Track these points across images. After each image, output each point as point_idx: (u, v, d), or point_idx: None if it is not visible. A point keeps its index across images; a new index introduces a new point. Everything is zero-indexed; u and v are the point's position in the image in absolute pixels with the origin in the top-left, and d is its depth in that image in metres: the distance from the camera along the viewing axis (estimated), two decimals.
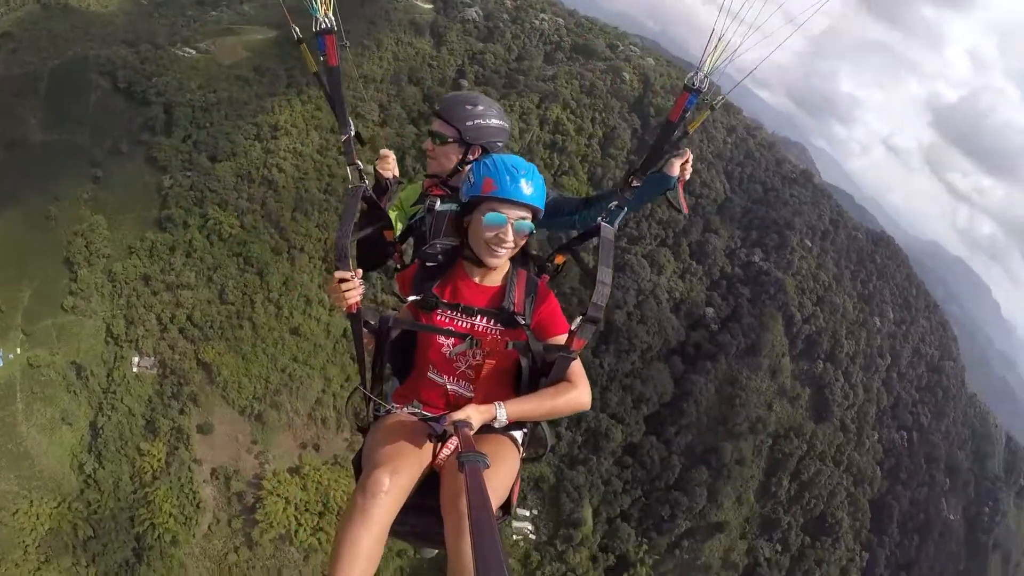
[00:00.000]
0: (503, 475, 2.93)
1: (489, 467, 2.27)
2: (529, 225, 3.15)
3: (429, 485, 2.87)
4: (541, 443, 3.49)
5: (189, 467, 63.69)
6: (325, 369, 71.25)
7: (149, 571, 60.23)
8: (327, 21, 3.08)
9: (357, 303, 3.02)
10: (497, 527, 1.71)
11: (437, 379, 3.27)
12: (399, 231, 4.05)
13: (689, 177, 3.74)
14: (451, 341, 3.18)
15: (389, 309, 3.47)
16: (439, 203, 3.92)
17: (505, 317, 3.18)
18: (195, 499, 62.95)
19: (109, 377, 64.61)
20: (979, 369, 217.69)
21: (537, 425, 3.39)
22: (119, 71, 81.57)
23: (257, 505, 63.69)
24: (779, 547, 76.44)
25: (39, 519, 58.46)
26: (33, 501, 58.46)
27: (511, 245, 3.15)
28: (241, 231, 73.64)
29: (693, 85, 3.13)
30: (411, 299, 3.29)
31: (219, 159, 77.52)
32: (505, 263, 3.32)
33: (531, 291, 3.29)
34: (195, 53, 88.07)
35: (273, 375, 69.00)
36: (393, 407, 3.28)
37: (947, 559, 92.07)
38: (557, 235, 4.05)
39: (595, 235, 3.43)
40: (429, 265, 3.31)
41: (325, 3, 3.06)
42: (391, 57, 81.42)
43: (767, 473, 77.62)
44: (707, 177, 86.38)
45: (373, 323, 3.20)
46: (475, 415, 2.80)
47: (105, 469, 61.56)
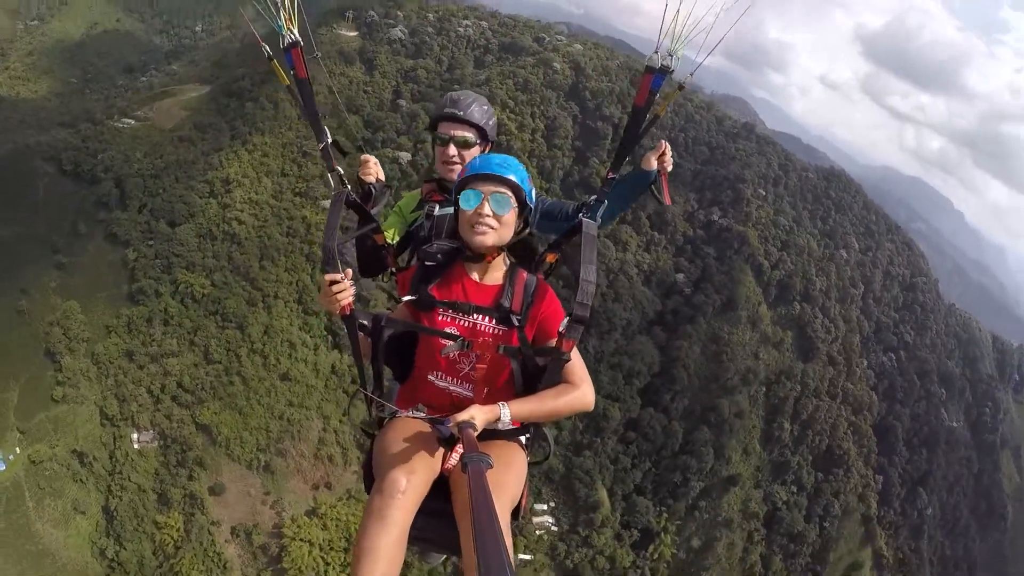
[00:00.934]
0: (513, 479, 2.97)
1: (493, 467, 2.30)
2: (507, 199, 3.12)
3: (440, 489, 2.91)
4: (544, 446, 3.50)
5: (208, 531, 63.74)
6: (321, 408, 71.78)
7: None
8: (291, 36, 3.14)
9: (350, 304, 3.05)
10: (500, 528, 1.76)
11: (439, 381, 3.28)
12: (396, 237, 4.12)
13: (671, 168, 3.78)
14: (446, 341, 3.20)
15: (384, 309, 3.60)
16: (438, 208, 4.00)
17: (502, 315, 3.17)
18: (221, 561, 63.12)
19: (112, 459, 64.65)
20: (955, 279, 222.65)
21: (539, 428, 3.38)
22: (63, 154, 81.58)
23: (282, 554, 64.01)
24: (794, 488, 78.32)
25: None
26: None
27: (491, 222, 3.12)
28: (213, 289, 73.92)
29: (656, 65, 3.11)
30: (407, 298, 3.31)
31: (178, 223, 77.63)
32: (503, 261, 3.32)
33: (530, 290, 3.27)
34: (134, 122, 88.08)
35: (272, 424, 69.40)
36: (397, 410, 3.29)
37: (959, 464, 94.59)
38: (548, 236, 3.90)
39: (577, 232, 3.39)
40: (428, 265, 3.31)
41: (289, 19, 3.11)
42: (326, 90, 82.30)
43: (767, 420, 79.31)
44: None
45: (367, 324, 3.22)
46: (479, 415, 2.80)
47: (127, 550, 61.57)
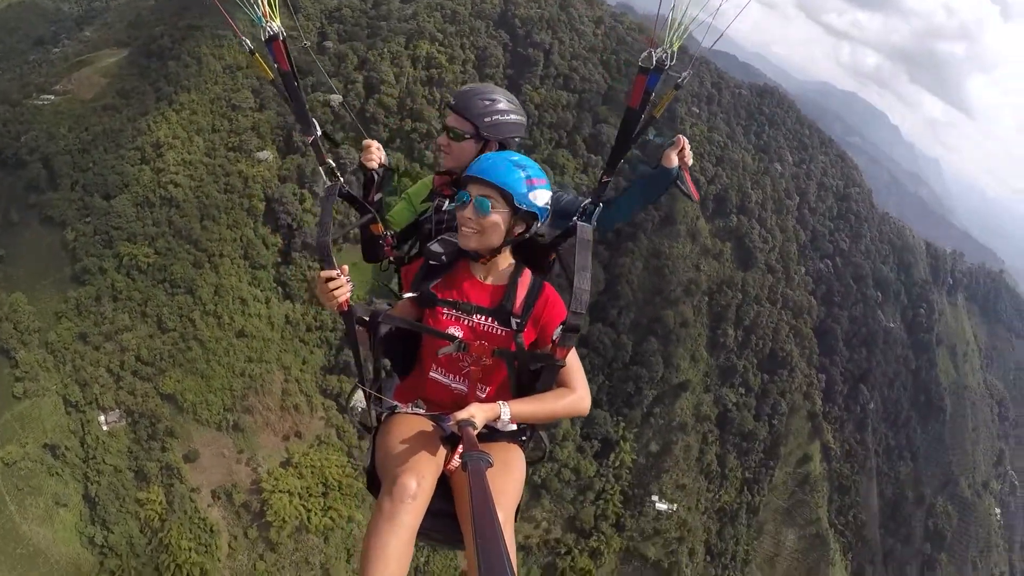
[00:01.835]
0: (512, 482, 2.96)
1: (492, 466, 2.29)
2: (487, 203, 3.06)
3: (442, 487, 2.90)
4: (540, 447, 3.49)
5: (190, 498, 64.21)
6: (280, 359, 72.16)
7: None
8: (271, 28, 3.10)
9: (347, 300, 3.02)
10: (500, 528, 1.75)
11: (441, 378, 3.27)
12: (403, 222, 4.08)
13: (691, 161, 3.72)
14: (444, 341, 3.19)
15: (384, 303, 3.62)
16: (447, 203, 3.89)
17: (503, 316, 3.16)
18: (207, 526, 63.72)
19: (84, 445, 63.99)
20: (892, 190, 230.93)
21: (536, 430, 3.39)
22: None
23: (265, 508, 65.04)
24: (742, 390, 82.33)
25: None
26: None
27: (472, 224, 3.10)
28: (158, 257, 72.78)
29: (651, 64, 3.03)
30: (408, 295, 3.28)
31: (113, 195, 75.60)
32: (507, 260, 3.29)
33: (534, 291, 3.24)
34: (54, 98, 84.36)
35: (235, 382, 69.61)
36: (397, 406, 3.28)
37: (897, 362, 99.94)
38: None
39: (572, 234, 3.35)
40: (433, 263, 3.26)
41: (269, 12, 3.06)
42: (250, 40, 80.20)
43: (712, 328, 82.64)
44: (585, 72, 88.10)
45: (366, 319, 3.18)
46: (479, 414, 2.80)
47: (115, 533, 61.42)
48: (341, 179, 3.50)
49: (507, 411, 2.93)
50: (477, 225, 3.08)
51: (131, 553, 61.46)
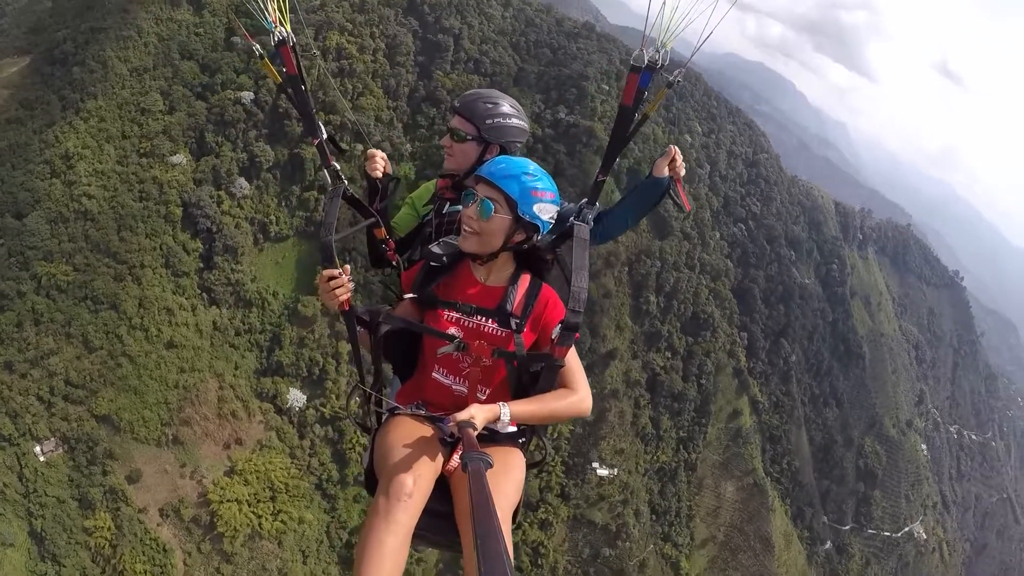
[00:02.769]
0: (512, 484, 2.97)
1: (492, 467, 2.29)
2: (490, 206, 3.09)
3: (440, 489, 2.92)
4: (540, 449, 3.54)
5: (139, 520, 62.81)
6: (213, 366, 71.22)
7: None
8: (281, 33, 3.13)
9: (348, 300, 3.05)
10: (500, 528, 1.79)
11: (442, 379, 3.28)
12: (407, 227, 4.14)
13: (684, 172, 3.77)
14: (443, 341, 3.21)
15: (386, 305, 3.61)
16: (448, 206, 3.93)
17: (503, 318, 3.19)
18: (159, 546, 62.60)
19: (22, 480, 61.68)
20: (801, 154, 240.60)
21: (536, 432, 3.42)
22: None
23: (215, 520, 64.40)
24: (668, 354, 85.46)
25: None
26: None
27: (473, 225, 3.14)
28: (77, 274, 70.35)
29: (643, 63, 3.03)
30: (408, 296, 3.31)
31: (25, 213, 72.74)
32: (508, 264, 3.32)
33: (533, 293, 3.28)
34: None
35: (169, 395, 68.17)
36: (397, 407, 3.29)
37: (815, 315, 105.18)
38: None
39: (569, 236, 3.43)
40: (434, 265, 3.29)
41: (279, 17, 3.11)
42: (156, 40, 78.03)
43: (634, 296, 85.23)
44: (496, 55, 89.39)
45: (367, 319, 3.20)
46: (479, 415, 2.82)
47: (67, 567, 59.51)
48: (345, 182, 3.50)
49: (507, 412, 2.96)
50: (478, 227, 3.13)
51: None
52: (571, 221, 3.47)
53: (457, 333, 3.21)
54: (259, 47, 3.27)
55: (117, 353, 68.55)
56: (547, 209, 3.20)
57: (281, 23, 3.13)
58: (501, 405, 2.96)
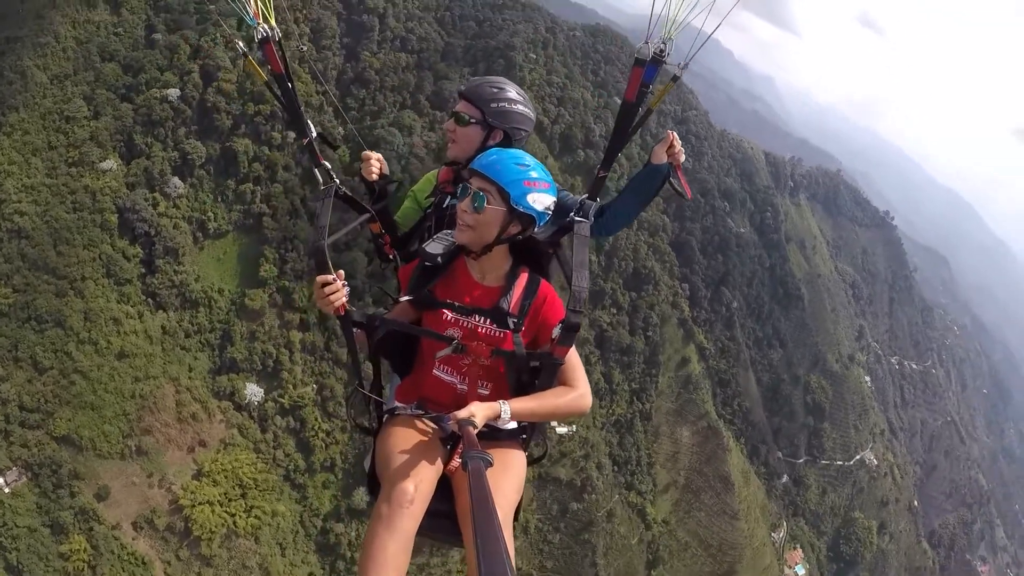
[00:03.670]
0: (512, 482, 3.00)
1: (493, 465, 2.31)
2: (483, 197, 3.07)
3: (442, 487, 2.95)
4: (541, 446, 3.56)
5: (113, 536, 61.53)
6: (167, 371, 70.36)
7: None
8: (264, 30, 3.11)
9: (344, 305, 3.01)
10: (500, 527, 1.77)
11: (444, 376, 3.28)
12: (410, 220, 4.09)
13: (684, 158, 3.68)
14: (442, 343, 3.19)
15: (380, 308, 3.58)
16: (448, 200, 3.90)
17: (500, 317, 3.17)
18: (138, 560, 61.59)
19: None
20: (730, 109, 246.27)
21: (536, 430, 3.41)
22: None
23: (189, 525, 63.89)
24: (614, 310, 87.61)
25: None
26: None
27: (467, 219, 3.12)
28: (17, 295, 68.04)
29: (647, 56, 2.98)
30: (404, 298, 3.29)
31: None
32: (503, 261, 3.30)
33: (531, 291, 3.27)
34: None
35: (127, 406, 66.71)
36: (397, 406, 3.31)
37: (752, 262, 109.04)
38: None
39: (569, 230, 3.42)
40: (429, 264, 3.27)
41: (262, 14, 3.05)
42: (74, 44, 75.69)
43: None
44: (421, 31, 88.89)
45: (364, 323, 3.18)
46: (479, 412, 2.82)
47: None
48: (337, 181, 3.46)
49: (507, 409, 2.95)
50: (471, 220, 3.11)
51: None
52: (571, 217, 3.45)
53: (455, 334, 3.19)
54: (243, 45, 3.28)
55: (69, 371, 66.52)
56: (542, 199, 3.17)
57: (265, 19, 3.07)
58: (501, 403, 2.96)
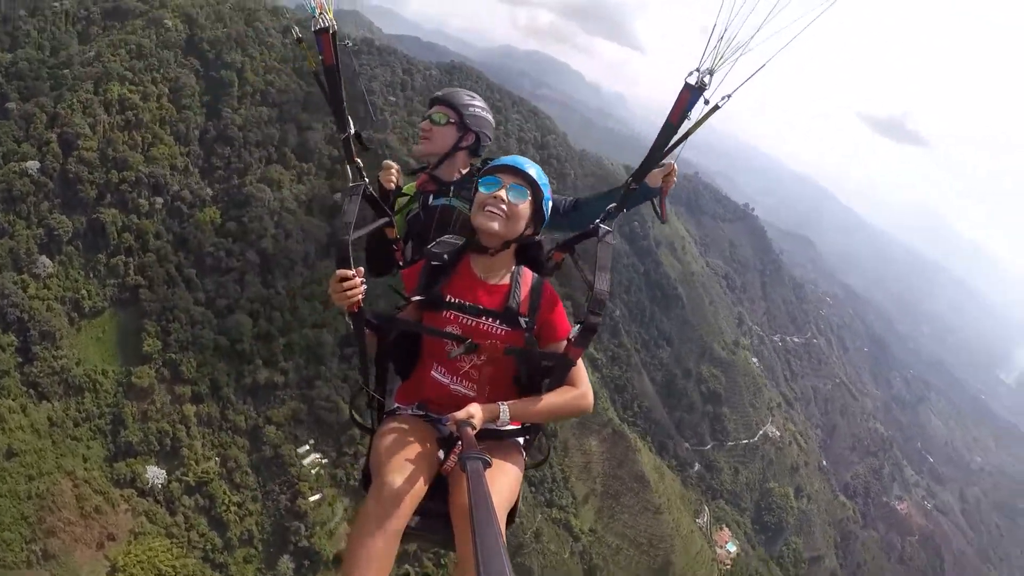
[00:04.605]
0: (509, 483, 3.00)
1: (491, 466, 2.31)
2: (524, 190, 3.17)
3: (437, 488, 2.95)
4: (541, 449, 3.54)
5: None
6: (61, 465, 65.10)
7: None
8: (323, 20, 3.13)
9: (359, 302, 3.03)
10: (499, 527, 1.74)
11: (442, 379, 3.27)
12: (400, 231, 4.10)
13: (674, 185, 3.76)
14: (452, 343, 3.18)
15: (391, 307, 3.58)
16: (432, 199, 4.00)
17: (509, 317, 3.17)
18: None
19: None
20: (588, 129, 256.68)
21: (538, 432, 3.41)
22: None
23: None
24: None
25: None
26: None
27: (503, 207, 3.14)
28: None
29: (695, 82, 3.04)
30: (415, 298, 3.27)
31: None
32: (509, 260, 3.32)
33: (536, 291, 3.27)
34: None
35: (25, 509, 60.74)
36: (398, 407, 3.34)
37: (628, 270, 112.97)
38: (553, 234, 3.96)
39: (592, 236, 3.44)
40: (435, 264, 3.26)
41: (324, 4, 3.12)
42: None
43: None
44: (281, 83, 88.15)
45: (376, 323, 3.20)
46: (478, 414, 2.85)
47: None
48: (366, 180, 3.49)
49: (506, 411, 2.97)
50: (508, 209, 3.14)
51: None
52: (596, 223, 3.53)
53: (464, 334, 3.18)
54: (298, 30, 3.29)
55: None
56: (549, 205, 3.39)
57: (324, 10, 3.17)
58: (500, 404, 2.99)
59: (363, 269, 3.05)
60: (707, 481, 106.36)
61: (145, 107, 77.22)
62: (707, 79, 3.00)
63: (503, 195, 3.15)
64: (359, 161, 3.47)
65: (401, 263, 3.94)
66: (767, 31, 2.68)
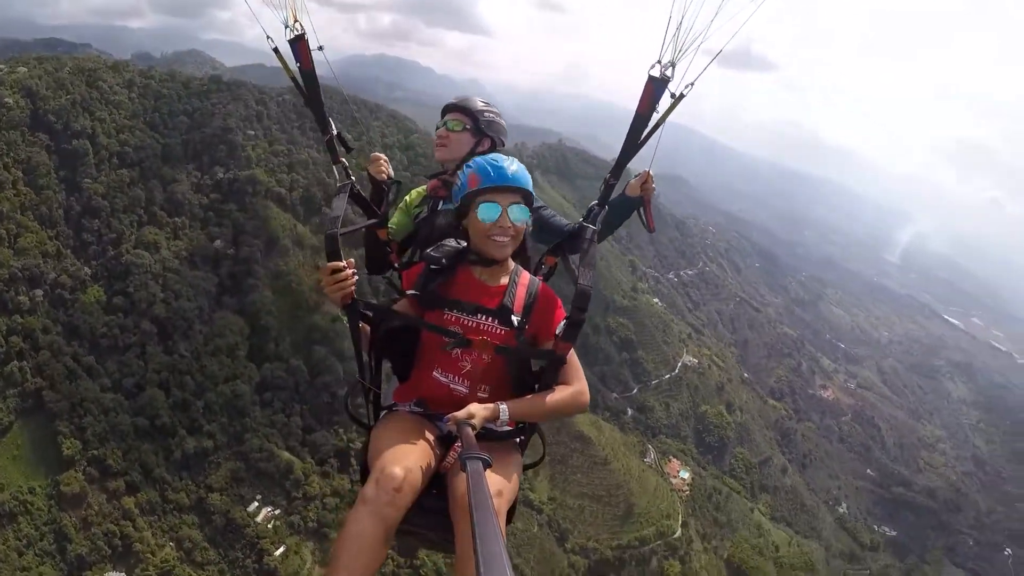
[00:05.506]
0: (508, 483, 2.95)
1: (491, 466, 2.29)
2: (525, 211, 3.20)
3: (435, 487, 2.93)
4: (539, 449, 3.54)
5: None
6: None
7: None
8: (297, 28, 3.18)
9: (351, 294, 3.05)
10: (499, 527, 1.69)
11: (441, 377, 3.26)
12: (402, 232, 4.15)
13: (655, 192, 3.83)
14: (447, 338, 3.19)
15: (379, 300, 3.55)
16: (441, 204, 3.99)
17: (505, 316, 3.20)
18: None
19: None
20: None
21: (534, 431, 3.44)
22: None
23: None
24: None
25: None
26: None
27: (511, 232, 3.16)
28: None
29: (658, 75, 3.15)
30: (411, 293, 3.29)
31: None
32: (509, 262, 3.36)
33: (533, 291, 3.31)
34: None
35: None
36: (395, 404, 3.33)
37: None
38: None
39: (579, 236, 3.51)
40: (434, 267, 3.28)
41: (294, 12, 3.15)
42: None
43: None
44: (136, 141, 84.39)
45: (369, 314, 3.21)
46: (478, 413, 2.85)
47: None
48: (353, 179, 3.53)
49: (505, 411, 2.98)
50: (514, 231, 3.18)
51: None
52: (580, 222, 3.62)
53: (459, 331, 3.19)
54: (272, 39, 3.35)
55: None
56: (533, 196, 3.40)
57: (297, 19, 3.19)
58: (500, 404, 3.00)
59: (353, 261, 3.11)
60: (643, 422, 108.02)
61: (3, 196, 72.09)
62: (669, 72, 3.15)
63: (508, 221, 3.16)
64: (344, 161, 3.62)
65: (396, 264, 3.98)
66: (719, 21, 2.86)
